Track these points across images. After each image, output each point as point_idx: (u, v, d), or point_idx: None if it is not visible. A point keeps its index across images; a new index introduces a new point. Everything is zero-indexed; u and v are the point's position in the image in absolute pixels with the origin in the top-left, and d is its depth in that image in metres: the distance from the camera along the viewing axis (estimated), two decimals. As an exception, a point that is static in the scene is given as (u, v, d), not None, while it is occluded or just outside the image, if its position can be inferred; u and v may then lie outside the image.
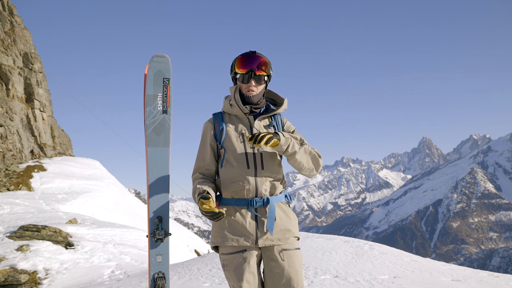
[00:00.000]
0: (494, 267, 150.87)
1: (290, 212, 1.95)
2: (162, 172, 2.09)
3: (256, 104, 1.96)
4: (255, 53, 1.89)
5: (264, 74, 1.91)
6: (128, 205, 17.78)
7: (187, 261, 6.79)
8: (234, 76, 1.96)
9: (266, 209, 1.85)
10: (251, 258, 1.82)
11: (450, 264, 6.15)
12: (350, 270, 5.03)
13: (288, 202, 1.98)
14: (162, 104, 2.11)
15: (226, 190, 1.89)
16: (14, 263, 5.62)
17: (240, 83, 1.92)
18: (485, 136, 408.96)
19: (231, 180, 1.87)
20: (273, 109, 2.01)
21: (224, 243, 1.84)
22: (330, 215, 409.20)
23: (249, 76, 1.88)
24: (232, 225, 1.84)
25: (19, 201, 11.71)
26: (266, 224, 1.83)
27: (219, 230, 1.87)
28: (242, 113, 1.94)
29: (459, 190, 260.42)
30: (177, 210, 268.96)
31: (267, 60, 1.91)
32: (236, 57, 1.93)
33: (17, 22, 23.12)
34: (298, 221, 2.00)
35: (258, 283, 1.85)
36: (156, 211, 2.06)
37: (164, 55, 2.10)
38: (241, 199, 1.86)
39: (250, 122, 1.95)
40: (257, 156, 1.88)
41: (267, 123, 1.99)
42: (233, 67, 1.94)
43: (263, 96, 2.00)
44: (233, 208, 1.87)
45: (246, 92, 1.91)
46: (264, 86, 1.96)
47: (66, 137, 27.03)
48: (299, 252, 1.90)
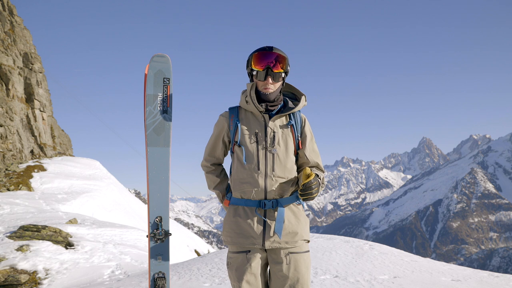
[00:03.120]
0: (494, 267, 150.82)
1: (301, 214, 1.89)
2: (162, 172, 2.09)
3: (273, 101, 1.90)
4: (272, 49, 1.81)
5: (282, 71, 1.84)
6: (128, 205, 17.77)
7: (187, 261, 6.79)
8: (251, 72, 1.88)
9: (275, 211, 1.82)
10: (254, 260, 1.81)
11: (450, 264, 6.14)
12: (350, 270, 5.03)
13: (300, 203, 1.91)
14: (162, 104, 2.11)
15: (236, 190, 1.88)
16: (14, 263, 5.61)
17: (257, 80, 1.86)
18: (485, 136, 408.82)
19: (241, 181, 1.85)
20: (290, 107, 1.94)
21: (232, 243, 1.85)
22: (330, 215, 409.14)
23: (266, 74, 1.81)
24: (240, 226, 1.83)
25: (19, 201, 11.71)
26: (274, 227, 1.79)
27: (229, 229, 1.87)
28: (258, 111, 1.88)
29: (459, 190, 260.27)
30: (177, 210, 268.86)
31: (285, 56, 1.84)
32: (252, 52, 1.85)
33: (17, 22, 23.11)
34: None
35: (262, 285, 1.83)
36: (156, 211, 2.06)
37: (164, 55, 2.10)
38: (250, 200, 1.84)
39: (265, 121, 1.88)
40: (268, 158, 1.83)
41: (284, 123, 1.91)
42: (249, 63, 1.86)
43: (280, 92, 1.93)
44: (242, 209, 1.85)
45: (263, 90, 1.85)
46: (281, 82, 1.90)
47: (66, 137, 27.02)
48: (307, 255, 1.86)
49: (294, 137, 1.90)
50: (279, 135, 1.87)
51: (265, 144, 1.85)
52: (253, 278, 1.80)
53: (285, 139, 1.88)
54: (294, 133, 1.91)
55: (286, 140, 1.88)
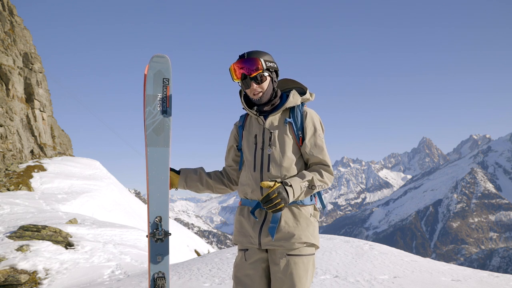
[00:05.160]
0: (494, 267, 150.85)
1: (301, 217, 1.81)
2: (162, 172, 2.09)
3: (269, 101, 1.89)
4: (244, 56, 1.82)
5: (260, 72, 1.81)
6: (128, 205, 17.78)
7: (187, 261, 6.79)
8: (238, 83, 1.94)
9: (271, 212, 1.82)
10: (251, 258, 1.83)
11: (450, 264, 6.15)
12: (350, 270, 5.03)
13: (303, 204, 1.82)
14: (162, 104, 2.10)
15: (239, 191, 1.98)
16: (14, 263, 5.62)
17: (243, 89, 1.90)
18: (485, 136, 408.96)
19: (242, 183, 1.95)
20: (283, 103, 1.90)
21: (235, 241, 1.96)
22: (330, 215, 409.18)
23: (246, 83, 1.83)
24: (242, 224, 1.92)
25: (19, 201, 11.71)
26: (268, 228, 1.80)
27: (235, 228, 1.98)
28: (255, 115, 1.92)
29: (459, 190, 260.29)
30: (177, 210, 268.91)
31: (257, 58, 1.80)
32: (229, 67, 1.88)
33: (17, 22, 23.12)
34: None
35: (262, 284, 1.84)
36: (156, 211, 2.06)
37: (164, 55, 2.10)
38: (251, 200, 1.90)
39: (263, 123, 1.90)
40: (264, 158, 1.85)
41: (280, 121, 1.89)
42: (232, 77, 1.90)
43: (274, 90, 1.91)
44: (246, 208, 1.92)
45: (253, 96, 1.86)
46: (270, 80, 1.87)
47: (66, 137, 27.03)
48: (307, 259, 1.80)
49: (294, 134, 1.87)
50: (275, 135, 1.86)
51: (262, 145, 1.88)
52: (246, 277, 1.82)
53: (282, 137, 1.86)
54: (294, 130, 1.87)
55: (284, 138, 1.85)
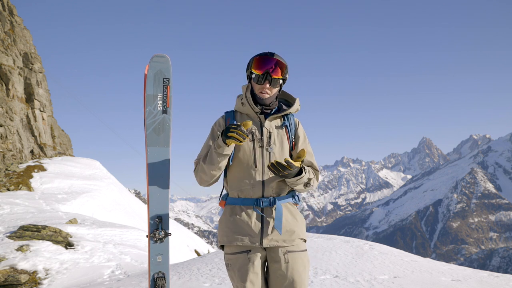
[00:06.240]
0: (494, 267, 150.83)
1: (297, 214, 1.92)
2: (162, 172, 2.09)
3: (268, 105, 1.94)
4: (273, 55, 1.85)
5: (280, 78, 1.88)
6: (128, 205, 17.78)
7: (187, 261, 6.79)
8: (250, 75, 1.92)
9: (273, 209, 1.84)
10: (255, 259, 1.81)
11: (450, 264, 6.15)
12: (350, 270, 5.03)
13: (295, 203, 1.95)
14: (162, 104, 2.11)
15: (233, 189, 1.89)
16: (14, 263, 5.62)
17: (255, 83, 1.89)
18: (485, 136, 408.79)
19: (238, 179, 1.87)
20: (285, 109, 1.99)
21: (230, 243, 1.85)
22: (330, 215, 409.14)
23: (264, 78, 1.85)
24: (238, 225, 1.84)
25: (19, 201, 11.71)
26: (273, 224, 1.81)
27: (226, 229, 1.88)
28: (253, 112, 1.92)
29: (459, 190, 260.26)
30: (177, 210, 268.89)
31: (285, 63, 1.88)
32: (254, 56, 1.88)
33: (17, 22, 23.11)
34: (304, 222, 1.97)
35: (262, 284, 1.84)
36: (156, 211, 2.06)
37: (164, 55, 2.10)
38: (248, 198, 1.85)
39: (261, 122, 1.93)
40: (265, 156, 1.87)
41: (279, 124, 1.97)
42: (250, 66, 1.90)
43: (276, 98, 1.97)
44: (239, 208, 1.87)
45: (259, 94, 1.89)
46: (278, 89, 1.94)
47: (66, 137, 27.03)
48: (304, 254, 1.87)
49: (288, 138, 1.96)
50: (274, 135, 1.92)
51: (262, 142, 1.88)
52: (256, 278, 1.81)
53: (281, 139, 1.93)
54: (289, 134, 1.97)
55: (282, 140, 1.93)
